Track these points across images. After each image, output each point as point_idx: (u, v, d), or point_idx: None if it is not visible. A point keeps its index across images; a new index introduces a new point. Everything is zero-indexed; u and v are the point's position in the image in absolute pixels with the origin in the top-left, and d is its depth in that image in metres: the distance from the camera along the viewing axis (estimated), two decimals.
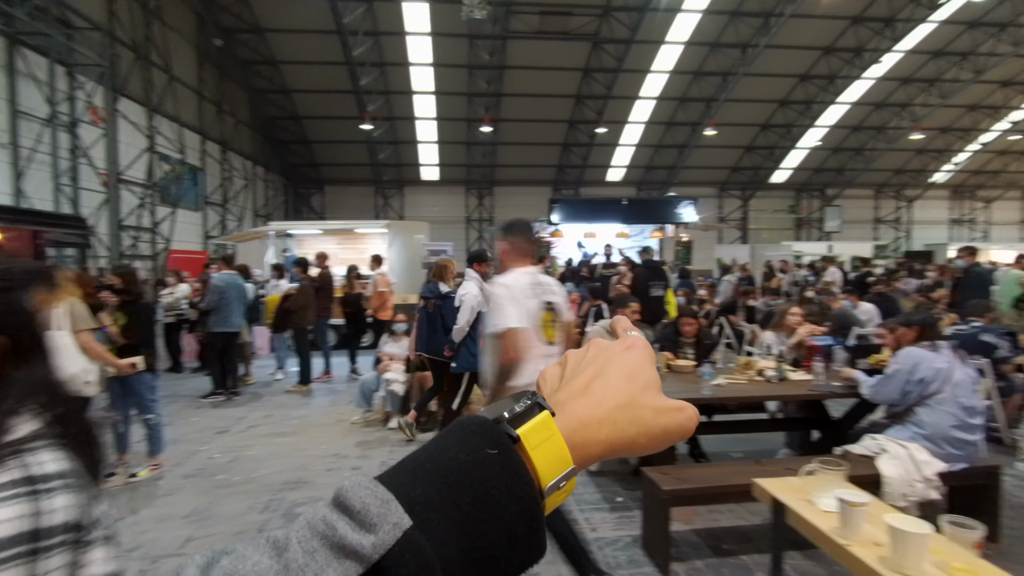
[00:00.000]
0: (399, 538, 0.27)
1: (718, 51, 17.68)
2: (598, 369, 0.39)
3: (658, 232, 15.26)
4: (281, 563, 0.26)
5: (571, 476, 0.35)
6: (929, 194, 25.87)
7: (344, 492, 0.29)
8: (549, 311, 2.42)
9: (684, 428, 0.39)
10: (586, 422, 0.36)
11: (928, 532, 1.37)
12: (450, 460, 0.31)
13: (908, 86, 19.61)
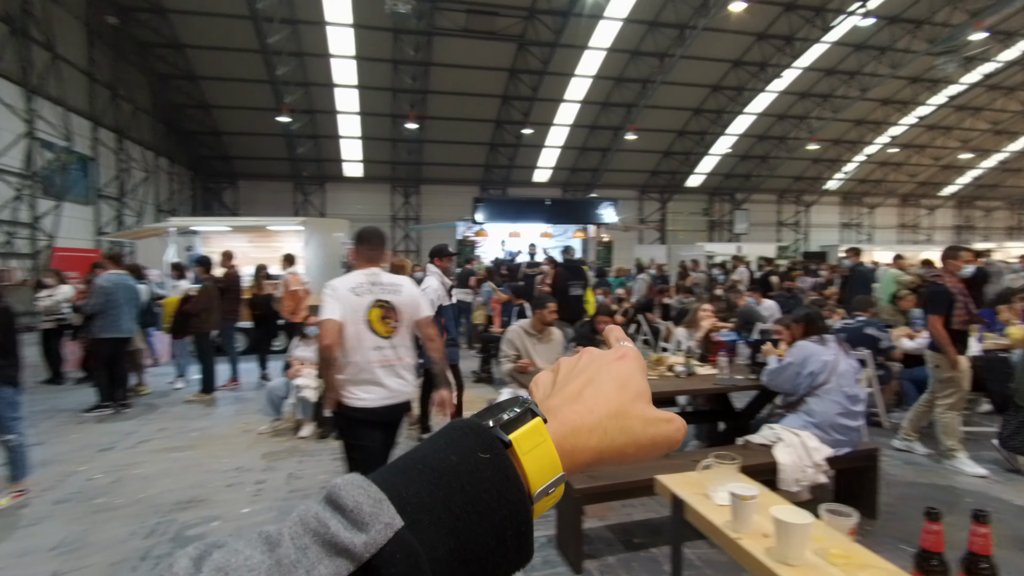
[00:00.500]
0: (391, 538, 0.28)
1: (638, 59, 18.36)
2: (590, 377, 0.40)
3: (580, 232, 15.62)
4: (273, 558, 0.27)
5: (560, 482, 0.35)
6: (824, 200, 28.28)
7: (337, 490, 0.29)
8: (380, 308, 2.66)
9: (672, 439, 0.40)
10: (577, 429, 0.37)
11: (809, 522, 1.43)
12: (442, 462, 0.32)
13: (805, 100, 21.31)
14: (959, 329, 4.08)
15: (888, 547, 3.00)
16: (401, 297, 2.73)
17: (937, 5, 16.97)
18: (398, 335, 2.70)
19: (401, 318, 2.71)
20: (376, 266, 2.76)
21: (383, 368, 2.64)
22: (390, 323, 2.67)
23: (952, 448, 4.17)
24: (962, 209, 31.02)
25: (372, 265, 2.74)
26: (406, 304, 2.73)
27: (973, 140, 24.98)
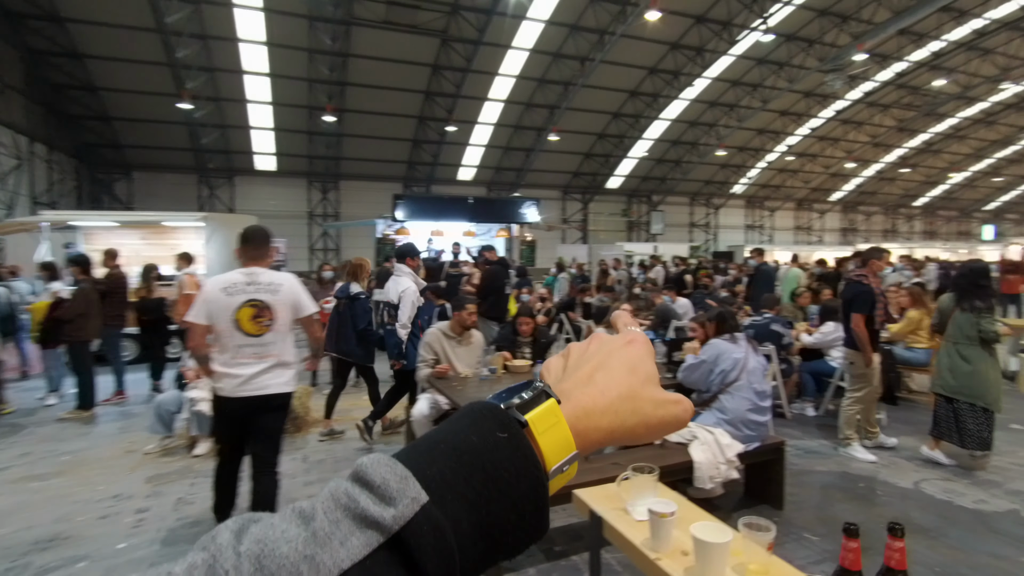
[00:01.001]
0: (417, 512, 0.30)
1: (560, 61, 18.63)
2: (600, 361, 0.42)
3: (503, 231, 15.62)
4: (308, 531, 0.29)
5: (574, 460, 0.37)
6: (730, 203, 30.18)
7: (364, 468, 0.31)
8: (252, 307, 2.73)
9: (680, 420, 0.42)
10: (589, 410, 0.39)
11: (727, 540, 1.38)
12: (463, 442, 0.34)
13: (714, 109, 22.59)
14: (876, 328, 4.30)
15: (794, 537, 3.13)
16: (278, 296, 2.79)
17: (827, 27, 18.54)
18: (271, 333, 2.77)
19: (276, 316, 2.78)
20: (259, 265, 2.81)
21: (248, 364, 2.74)
22: (262, 322, 2.75)
23: (848, 437, 4.46)
24: (847, 213, 34.25)
25: (254, 264, 2.80)
26: (283, 303, 2.80)
27: (856, 151, 27.62)
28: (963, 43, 20.09)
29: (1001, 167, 32.22)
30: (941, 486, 3.85)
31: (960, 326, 4.25)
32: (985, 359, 4.14)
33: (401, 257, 4.65)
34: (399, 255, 4.69)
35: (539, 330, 4.41)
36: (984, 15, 18.38)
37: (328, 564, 0.27)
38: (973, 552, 2.98)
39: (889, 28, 16.72)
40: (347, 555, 0.28)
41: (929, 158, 30.10)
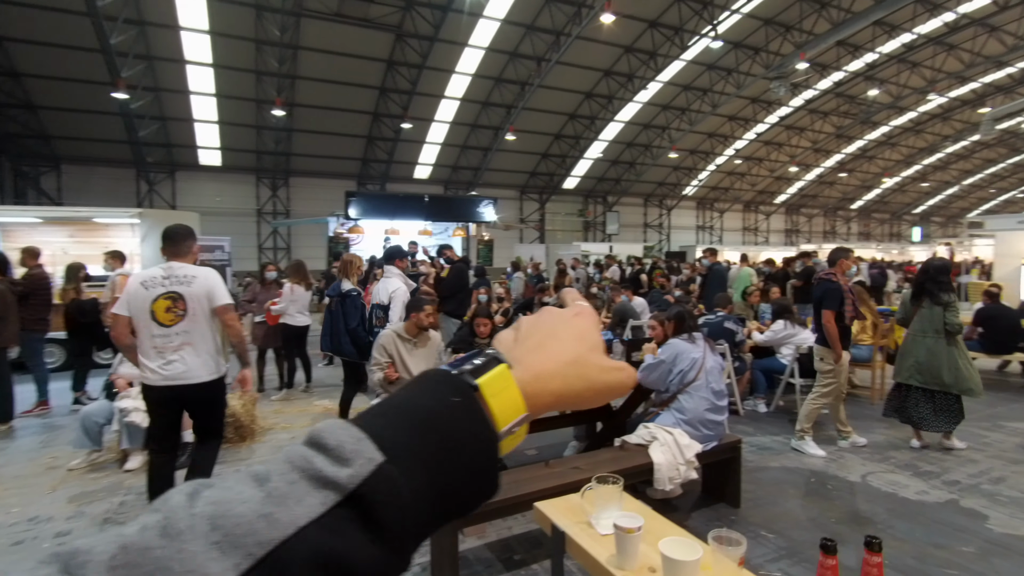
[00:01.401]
0: (373, 471, 0.30)
1: (517, 61, 18.61)
2: (550, 331, 0.44)
3: (460, 231, 15.45)
4: (264, 491, 0.29)
5: (524, 422, 0.39)
6: (682, 204, 31.00)
7: (319, 432, 0.32)
8: (167, 299, 2.91)
9: (624, 385, 0.45)
10: (539, 375, 0.41)
11: (697, 557, 1.32)
12: (417, 406, 0.35)
13: (667, 112, 23.12)
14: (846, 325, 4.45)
15: (751, 535, 3.16)
16: (192, 288, 2.96)
17: (771, 36, 19.27)
18: (185, 323, 2.94)
19: (190, 307, 2.95)
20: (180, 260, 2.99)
21: (164, 352, 2.92)
22: (176, 312, 2.93)
23: (803, 431, 4.56)
24: (790, 215, 35.80)
25: (175, 260, 2.99)
26: (196, 294, 2.97)
27: (798, 156, 28.88)
28: (894, 56, 21.31)
29: (928, 173, 34.44)
30: (886, 479, 3.99)
31: (927, 319, 4.52)
32: (951, 350, 4.44)
33: (390, 259, 4.72)
34: (388, 257, 4.77)
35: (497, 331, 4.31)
36: (912, 30, 19.53)
37: (285, 521, 0.28)
38: (916, 543, 3.09)
39: (828, 39, 17.53)
40: (304, 512, 0.28)
41: (864, 163, 31.82)
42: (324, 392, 6.51)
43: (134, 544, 0.26)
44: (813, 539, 3.11)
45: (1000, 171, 35.42)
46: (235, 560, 0.26)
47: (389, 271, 4.63)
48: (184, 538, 0.26)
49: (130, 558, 0.25)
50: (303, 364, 6.49)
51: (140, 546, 0.26)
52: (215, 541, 0.26)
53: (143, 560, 0.25)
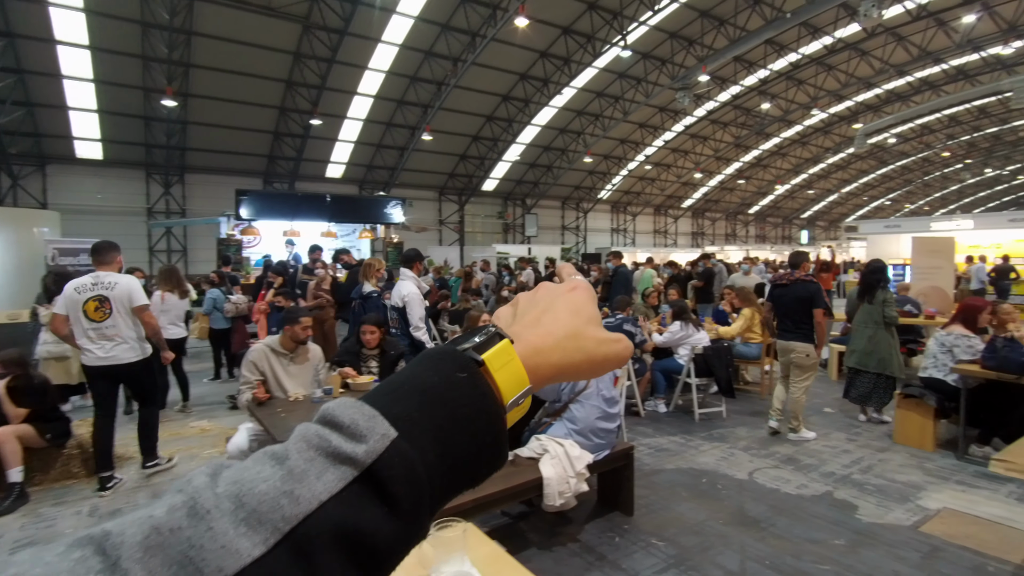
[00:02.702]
0: (387, 446, 0.31)
1: (432, 60, 18.26)
2: (547, 306, 0.46)
3: (368, 232, 14.84)
4: (284, 469, 0.30)
5: (528, 395, 0.40)
6: (597, 207, 31.94)
7: (331, 411, 0.33)
8: (94, 301, 3.78)
9: (620, 356, 0.46)
10: (539, 348, 0.42)
11: None
12: (424, 383, 0.36)
13: (581, 117, 23.68)
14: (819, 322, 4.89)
15: (642, 545, 3.14)
16: (114, 292, 3.83)
17: (676, 48, 20.26)
18: (111, 319, 3.81)
19: (113, 307, 3.82)
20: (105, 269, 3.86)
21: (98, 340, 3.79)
22: (104, 311, 3.80)
23: (797, 424, 4.95)
24: (696, 219, 37.98)
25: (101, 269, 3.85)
26: (119, 296, 3.84)
27: (702, 163, 30.65)
28: (783, 73, 23.15)
29: (813, 181, 37.80)
30: (771, 475, 4.17)
31: (870, 313, 5.25)
32: (888, 339, 5.15)
33: (407, 262, 4.83)
34: (404, 260, 4.88)
35: (388, 341, 4.03)
36: (798, 51, 21.30)
37: (307, 497, 0.29)
38: (795, 540, 3.21)
39: (726, 54, 18.69)
40: (324, 488, 0.29)
41: (760, 171, 34.38)
42: (204, 411, 5.91)
43: (164, 524, 0.27)
44: (702, 544, 3.14)
45: (871, 180, 39.60)
46: (263, 536, 0.27)
47: (404, 274, 4.71)
48: (212, 516, 0.27)
49: (163, 538, 0.26)
50: (178, 381, 5.84)
51: (170, 526, 0.27)
52: (242, 518, 0.28)
53: (175, 539, 0.26)
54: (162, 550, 0.26)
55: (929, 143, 32.39)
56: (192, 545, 0.26)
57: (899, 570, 2.88)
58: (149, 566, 0.25)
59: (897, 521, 3.42)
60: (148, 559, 0.25)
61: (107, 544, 0.26)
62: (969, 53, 21.12)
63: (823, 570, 2.89)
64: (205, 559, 0.26)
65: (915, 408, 4.76)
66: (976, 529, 3.31)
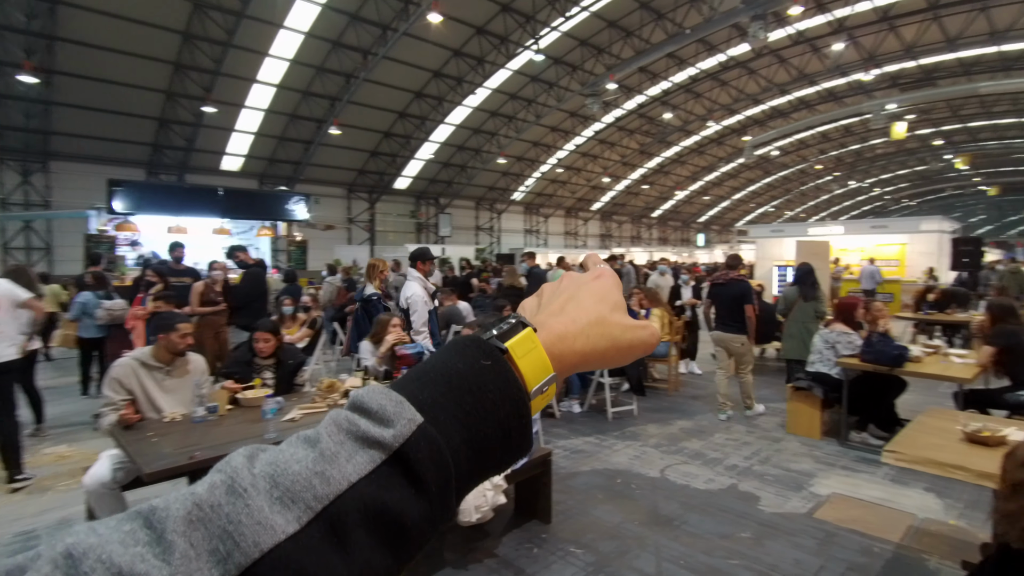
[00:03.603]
0: (414, 430, 0.33)
1: (340, 51, 17.42)
2: (571, 294, 0.46)
3: (267, 230, 13.82)
4: (316, 451, 0.31)
5: (552, 382, 0.41)
6: (511, 208, 32.22)
7: (360, 397, 0.35)
8: None
9: (647, 343, 0.46)
10: (563, 336, 0.42)
11: None
12: (450, 370, 0.37)
13: (495, 118, 23.73)
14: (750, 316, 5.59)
15: (560, 555, 3.07)
16: None
17: (587, 56, 20.89)
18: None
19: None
20: None
21: None
22: None
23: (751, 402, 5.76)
24: (604, 221, 39.47)
25: None
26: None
27: (610, 168, 31.91)
28: (682, 86, 24.64)
29: (708, 188, 40.66)
30: (681, 471, 4.29)
31: (804, 310, 5.97)
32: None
33: (413, 260, 4.59)
34: (411, 259, 4.64)
35: (285, 349, 3.66)
36: (696, 65, 22.77)
37: (337, 478, 0.30)
38: (706, 536, 3.29)
39: (632, 64, 19.54)
40: (354, 470, 0.31)
41: (661, 177, 36.40)
42: (64, 435, 5.12)
43: (205, 501, 0.28)
44: (619, 549, 3.13)
45: (757, 189, 43.31)
46: (296, 513, 0.29)
47: (410, 274, 4.51)
48: (249, 495, 0.29)
49: (203, 513, 0.28)
50: (29, 400, 4.99)
51: (211, 503, 0.28)
52: (277, 497, 0.29)
53: (215, 515, 0.28)
54: (203, 524, 0.27)
55: (805, 156, 36.00)
56: (231, 520, 0.28)
57: (800, 558, 3.03)
58: (191, 539, 0.27)
59: (794, 510, 3.63)
60: (191, 532, 0.27)
61: (153, 518, 0.27)
62: (838, 77, 23.68)
63: (733, 565, 2.97)
64: (243, 534, 0.27)
65: (804, 400, 5.13)
66: (861, 512, 3.58)
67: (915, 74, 23.02)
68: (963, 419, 2.82)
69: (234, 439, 2.68)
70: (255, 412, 3.03)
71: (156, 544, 0.26)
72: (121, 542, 0.26)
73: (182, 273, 6.30)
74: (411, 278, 4.52)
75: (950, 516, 3.54)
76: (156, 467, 2.37)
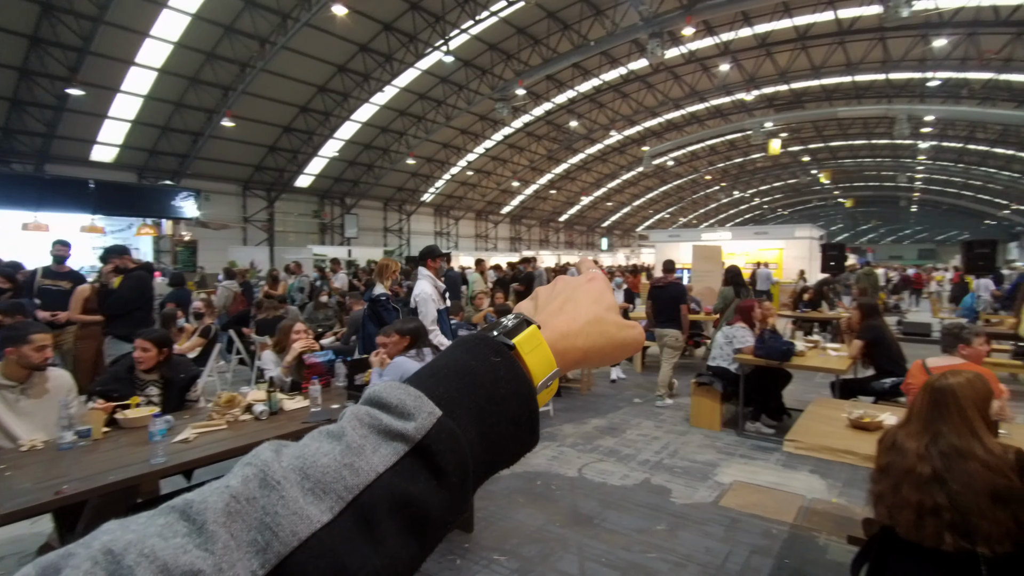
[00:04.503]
0: (435, 423, 0.34)
1: (234, 36, 16.14)
2: (568, 296, 0.48)
3: (150, 228, 12.47)
4: (342, 444, 0.32)
5: (556, 376, 0.43)
6: (421, 210, 31.71)
7: (378, 393, 0.36)
8: None
9: (638, 340, 0.49)
10: (565, 333, 0.45)
11: None
12: (463, 366, 0.38)
13: (404, 118, 23.22)
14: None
15: (483, 564, 3.00)
16: None
17: (496, 60, 21.05)
18: None
19: None
20: None
21: None
22: None
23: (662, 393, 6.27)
24: (514, 224, 40.04)
25: None
26: None
27: (519, 172, 32.42)
28: (587, 95, 25.62)
29: (611, 194, 42.64)
30: (597, 468, 4.39)
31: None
32: None
33: (422, 258, 4.53)
34: (421, 256, 4.58)
35: (173, 363, 3.25)
36: (600, 76, 23.78)
37: (366, 469, 0.31)
38: (624, 532, 3.38)
39: (540, 72, 19.98)
40: (380, 461, 0.32)
41: (568, 183, 37.61)
42: None
43: (241, 494, 0.29)
44: (542, 552, 3.12)
45: (655, 196, 46.12)
46: (329, 504, 0.30)
47: (420, 273, 4.42)
48: (283, 487, 0.30)
49: (241, 506, 0.28)
50: None
51: (246, 496, 0.29)
52: (308, 488, 0.30)
53: (251, 508, 0.29)
54: (241, 516, 0.28)
55: (696, 167, 38.87)
56: (267, 512, 0.29)
57: (710, 546, 3.20)
58: (232, 530, 0.27)
59: (702, 499, 3.84)
60: (230, 523, 0.28)
61: (191, 511, 0.28)
62: (724, 96, 25.82)
63: (651, 558, 3.07)
64: (280, 524, 0.28)
65: (706, 394, 5.48)
66: (759, 497, 3.87)
67: (787, 97, 25.69)
68: (847, 407, 3.14)
69: (112, 467, 2.32)
70: (140, 434, 2.65)
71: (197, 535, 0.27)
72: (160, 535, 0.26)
73: (62, 276, 5.46)
74: (421, 276, 4.48)
75: (832, 495, 3.92)
76: (10, 507, 1.99)
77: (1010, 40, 17.34)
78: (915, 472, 1.78)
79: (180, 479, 2.95)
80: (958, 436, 1.77)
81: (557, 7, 18.61)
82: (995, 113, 19.66)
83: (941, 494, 1.71)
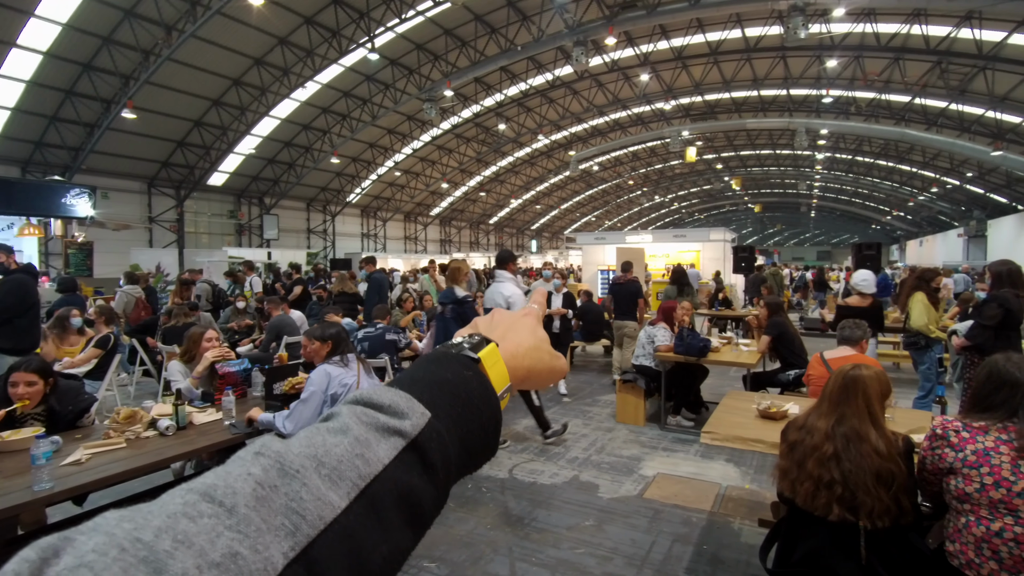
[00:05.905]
0: (427, 422, 0.37)
1: (136, 21, 14.89)
2: (509, 326, 0.53)
3: (34, 228, 11.23)
4: (350, 437, 0.35)
5: (509, 391, 0.48)
6: (347, 211, 30.75)
7: (368, 395, 0.39)
8: None
9: (564, 369, 0.56)
10: (514, 354, 0.50)
11: None
12: (440, 377, 0.42)
13: (327, 115, 22.41)
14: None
15: (413, 571, 2.93)
16: None
17: (424, 60, 20.80)
18: None
19: None
20: None
21: None
22: None
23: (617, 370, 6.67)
24: (443, 226, 39.76)
25: None
26: None
27: (448, 174, 32.23)
28: (515, 99, 25.90)
29: (539, 198, 43.39)
30: (528, 468, 4.43)
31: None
32: None
33: (502, 263, 4.84)
34: (499, 262, 4.90)
35: (61, 393, 2.81)
36: (527, 81, 24.12)
37: (375, 460, 0.34)
38: (554, 529, 3.43)
39: (468, 74, 19.98)
40: (385, 454, 0.35)
41: (497, 186, 37.85)
42: None
43: (265, 481, 0.30)
44: (472, 556, 3.10)
45: (582, 200, 47.42)
46: (345, 490, 0.32)
47: (501, 275, 4.75)
48: (303, 475, 0.31)
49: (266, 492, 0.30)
50: None
51: (270, 483, 0.30)
52: (325, 475, 0.32)
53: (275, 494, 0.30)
54: (267, 502, 0.30)
55: (620, 172, 40.35)
56: (292, 498, 0.30)
57: (635, 537, 3.32)
58: (262, 514, 0.29)
59: (627, 493, 3.97)
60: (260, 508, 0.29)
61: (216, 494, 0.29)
62: (644, 104, 26.99)
63: (579, 554, 3.13)
64: (307, 509, 0.30)
65: (630, 391, 5.68)
66: (680, 488, 4.06)
67: (702, 108, 27.27)
68: (756, 399, 3.36)
69: None
70: (19, 459, 2.36)
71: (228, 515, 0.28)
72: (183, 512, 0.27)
73: None
74: (504, 279, 4.73)
75: (745, 481, 4.19)
76: None
77: (889, 64, 19.37)
78: (820, 449, 1.96)
79: (71, 506, 2.66)
80: (859, 420, 1.96)
81: (484, 10, 18.66)
82: (877, 129, 21.93)
83: (837, 470, 1.89)
